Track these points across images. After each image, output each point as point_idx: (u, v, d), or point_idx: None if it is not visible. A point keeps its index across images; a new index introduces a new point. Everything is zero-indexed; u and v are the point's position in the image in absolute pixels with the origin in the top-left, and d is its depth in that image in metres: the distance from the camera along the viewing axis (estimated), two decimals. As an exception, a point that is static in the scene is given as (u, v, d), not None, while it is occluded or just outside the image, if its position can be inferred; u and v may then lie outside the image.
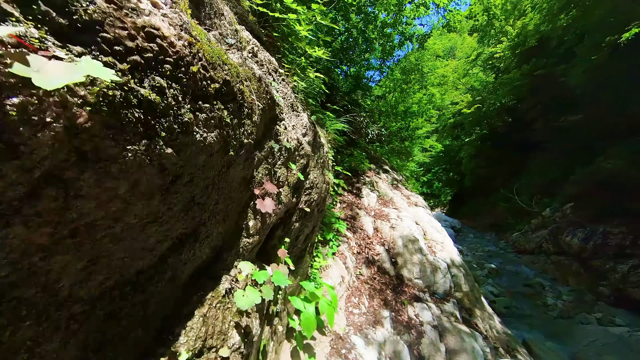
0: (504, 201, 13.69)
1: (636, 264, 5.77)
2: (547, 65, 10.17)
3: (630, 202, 6.65)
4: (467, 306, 3.37)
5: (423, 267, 3.37)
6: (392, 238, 3.79)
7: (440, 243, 4.32)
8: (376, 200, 5.00)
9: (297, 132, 2.03)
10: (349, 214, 4.15)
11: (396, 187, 6.53)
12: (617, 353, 4.02)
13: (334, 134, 4.56)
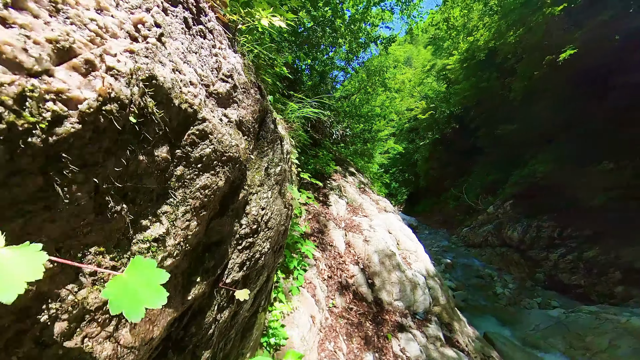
0: (454, 200, 14.94)
1: (563, 252, 6.62)
2: (491, 78, 11.35)
3: (556, 200, 7.65)
4: (447, 321, 3.18)
5: (402, 286, 3.05)
6: (366, 254, 3.36)
7: (414, 252, 4.04)
8: (345, 208, 4.53)
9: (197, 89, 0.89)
10: (316, 227, 3.54)
11: (364, 191, 6.22)
12: (558, 334, 4.46)
13: (300, 131, 4.09)
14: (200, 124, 0.82)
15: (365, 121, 13.99)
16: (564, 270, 6.28)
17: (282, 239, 1.88)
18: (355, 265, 3.17)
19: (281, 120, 2.75)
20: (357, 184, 6.27)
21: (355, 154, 12.05)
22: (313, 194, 4.39)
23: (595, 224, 6.25)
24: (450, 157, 16.78)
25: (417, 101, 20.04)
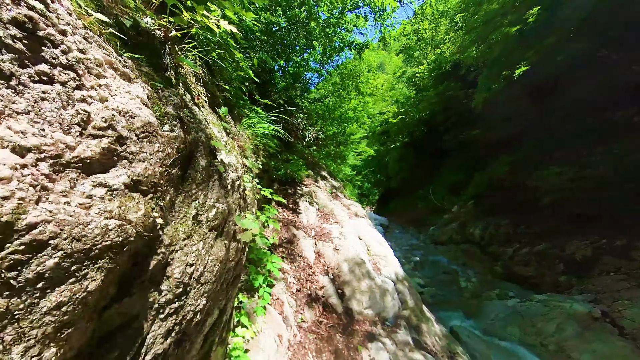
0: (422, 200, 15.76)
1: (518, 247, 7.30)
2: (455, 88, 12.20)
3: (512, 200, 8.41)
4: (415, 323, 3.21)
5: (372, 294, 2.99)
6: (336, 263, 3.25)
7: (384, 257, 3.99)
8: (316, 215, 4.34)
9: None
10: (284, 237, 3.35)
11: (335, 196, 6.06)
12: (515, 322, 4.89)
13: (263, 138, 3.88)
14: (25, 235, 0.54)
15: (338, 124, 14.18)
16: (518, 263, 6.92)
17: (232, 274, 1.63)
18: (325, 276, 3.06)
19: (243, 136, 2.48)
20: (329, 189, 6.15)
21: (328, 156, 12.09)
22: (283, 201, 4.18)
23: (544, 221, 6.98)
24: (419, 160, 17.68)
25: (389, 105, 20.83)
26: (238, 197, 1.76)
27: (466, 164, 12.56)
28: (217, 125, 1.83)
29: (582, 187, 5.92)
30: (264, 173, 3.95)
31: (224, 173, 1.54)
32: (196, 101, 1.70)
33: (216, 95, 2.52)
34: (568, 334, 4.10)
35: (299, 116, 8.93)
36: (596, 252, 5.46)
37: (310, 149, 9.52)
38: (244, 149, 2.48)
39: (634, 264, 4.75)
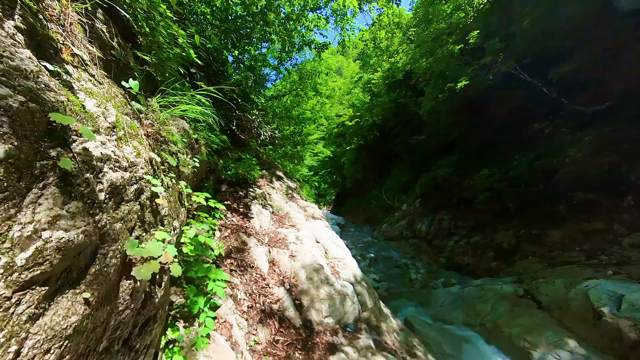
0: (375, 199, 16.65)
1: (457, 239, 8.19)
2: (406, 96, 13.23)
3: (452, 198, 9.41)
4: (375, 324, 3.15)
5: (332, 301, 2.82)
6: (293, 271, 2.98)
7: (342, 259, 3.85)
8: (270, 219, 3.99)
9: None
10: (233, 246, 2.93)
11: (292, 197, 5.74)
12: (458, 307, 5.41)
13: (204, 132, 3.30)
14: None
15: (295, 124, 13.98)
16: (458, 254, 7.75)
17: (130, 325, 1.20)
18: (280, 287, 2.76)
19: (132, 129, 1.48)
20: (285, 190, 5.76)
21: (284, 156, 11.74)
22: (232, 204, 3.71)
23: (478, 216, 7.97)
24: (373, 161, 18.67)
25: (345, 108, 21.53)
26: (137, 209, 1.24)
27: (414, 166, 13.69)
28: (106, 100, 1.35)
29: (507, 186, 6.93)
30: (210, 173, 3.51)
31: (89, 174, 1.02)
32: (63, 56, 1.22)
33: (130, 67, 1.97)
34: (500, 312, 4.69)
35: (254, 113, 8.42)
36: (518, 240, 6.43)
37: (265, 148, 9.02)
38: (166, 141, 1.96)
39: (545, 249, 5.73)
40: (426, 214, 10.51)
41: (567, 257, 5.20)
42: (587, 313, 3.72)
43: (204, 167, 3.14)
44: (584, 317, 3.74)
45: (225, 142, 4.51)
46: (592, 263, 4.70)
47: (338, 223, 16.32)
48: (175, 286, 2.03)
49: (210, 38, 5.94)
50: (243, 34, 7.85)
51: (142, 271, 1.17)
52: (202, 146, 2.95)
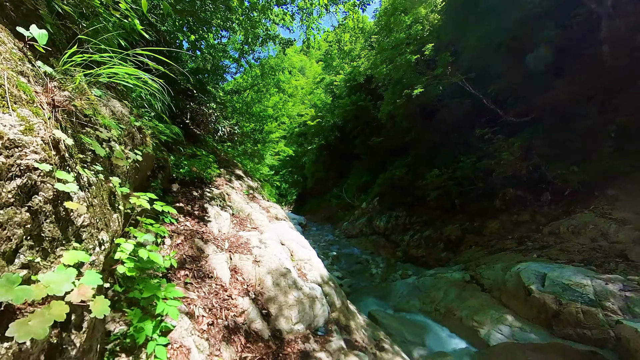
0: (336, 198, 17.00)
1: (412, 234, 8.82)
2: (366, 99, 13.82)
3: (407, 196, 10.11)
4: (344, 323, 3.08)
5: (301, 306, 2.68)
6: (258, 278, 2.74)
7: (308, 260, 3.71)
8: (230, 222, 3.67)
9: None
10: (188, 254, 2.57)
11: (253, 197, 5.39)
12: (415, 296, 5.80)
13: (151, 121, 2.90)
14: None
15: (256, 121, 13.42)
16: (413, 247, 8.33)
17: None
18: (244, 297, 2.50)
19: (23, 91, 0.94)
20: (246, 190, 5.36)
21: (244, 154, 11.10)
22: (186, 206, 3.28)
23: (429, 212, 8.70)
24: (334, 161, 19.05)
25: (307, 108, 21.56)
26: (24, 220, 0.84)
27: (373, 166, 14.37)
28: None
29: (454, 185, 7.71)
30: (159, 170, 3.04)
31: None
32: None
33: (40, 16, 1.48)
34: (451, 297, 5.15)
35: (211, 106, 7.76)
36: (463, 232, 7.20)
37: (224, 144, 8.36)
38: (93, 122, 1.49)
39: (485, 238, 6.52)
40: (384, 211, 11.10)
41: (502, 244, 5.99)
42: (519, 291, 4.32)
43: (151, 162, 2.69)
44: (518, 295, 4.33)
45: (178, 135, 3.99)
46: (522, 248, 5.50)
47: (300, 223, 16.20)
48: (113, 310, 1.61)
49: (163, 19, 5.28)
50: (202, 18, 7.20)
51: (31, 327, 0.70)
52: (148, 137, 2.49)
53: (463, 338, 4.17)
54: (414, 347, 3.77)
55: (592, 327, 3.38)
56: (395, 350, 2.96)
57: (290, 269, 3.02)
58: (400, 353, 2.94)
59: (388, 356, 2.79)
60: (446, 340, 4.21)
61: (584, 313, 3.47)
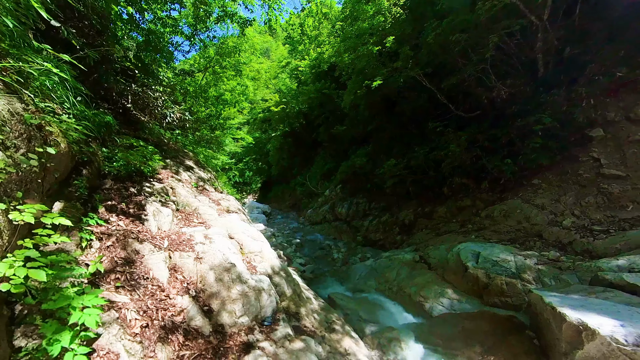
0: (300, 186, 16.95)
1: (371, 219, 9.26)
2: (330, 87, 13.71)
3: (366, 183, 10.49)
4: (294, 311, 3.14)
5: (246, 299, 2.65)
6: (200, 275, 2.63)
7: (259, 253, 3.62)
8: (172, 219, 3.40)
9: None
10: (120, 257, 2.33)
11: (203, 189, 5.01)
12: (372, 277, 6.15)
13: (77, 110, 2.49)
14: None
15: (213, 106, 12.38)
16: (372, 231, 8.77)
17: None
18: (184, 296, 2.40)
19: None
20: (195, 182, 4.97)
21: (198, 142, 10.15)
22: (119, 204, 2.90)
23: (387, 198, 9.18)
24: (298, 149, 18.84)
25: (272, 93, 20.68)
26: None
27: (336, 154, 14.54)
28: None
29: (409, 173, 8.20)
30: (83, 166, 2.63)
31: None
32: None
33: None
34: (403, 276, 5.57)
35: (157, 89, 6.81)
36: (416, 216, 7.77)
37: (173, 132, 7.45)
38: None
39: (434, 222, 7.13)
40: (346, 198, 11.42)
41: (448, 227, 6.62)
42: (459, 268, 4.84)
43: (67, 161, 2.28)
44: (457, 271, 4.85)
45: (109, 125, 3.42)
46: (463, 230, 6.14)
47: (264, 211, 15.88)
48: (24, 325, 1.44)
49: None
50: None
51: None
52: (58, 134, 2.07)
53: (411, 312, 4.56)
54: (367, 324, 4.00)
55: (512, 296, 3.95)
56: (346, 330, 3.10)
57: (236, 263, 2.90)
58: (350, 332, 3.09)
59: (337, 336, 2.92)
60: (397, 316, 4.57)
61: (507, 284, 4.03)
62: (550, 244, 4.80)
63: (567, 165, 5.70)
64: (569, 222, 4.95)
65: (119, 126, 3.91)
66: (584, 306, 2.73)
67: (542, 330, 2.99)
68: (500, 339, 3.18)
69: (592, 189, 5.20)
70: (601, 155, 5.42)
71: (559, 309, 2.69)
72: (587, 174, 5.40)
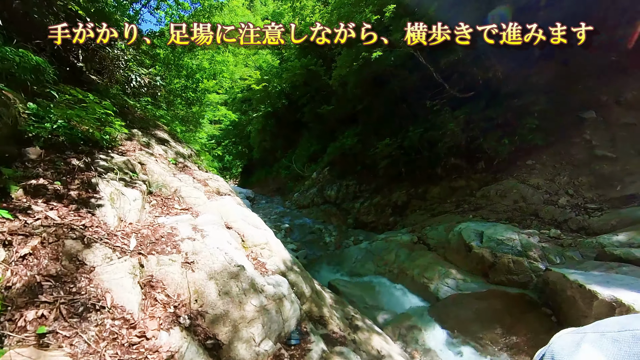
0: (285, 169, 16.23)
1: (362, 201, 9.01)
2: (317, 64, 12.80)
3: (357, 165, 10.15)
4: (317, 314, 2.47)
5: (266, 315, 1.88)
6: (194, 290, 1.76)
7: (266, 244, 2.77)
8: (142, 205, 2.38)
9: None
10: (48, 273, 1.38)
11: (184, 167, 3.91)
12: (369, 260, 5.92)
13: None
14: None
15: (187, 76, 10.86)
16: (363, 214, 8.53)
17: None
18: (172, 329, 1.51)
19: None
20: (172, 157, 3.88)
21: (175, 118, 8.75)
22: (51, 184, 1.87)
23: (378, 180, 8.92)
24: (281, 130, 17.87)
25: (252, 70, 19.11)
26: None
27: (322, 136, 13.94)
28: None
29: (402, 153, 7.94)
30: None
31: None
32: None
33: None
34: (402, 258, 5.38)
35: (119, 45, 5.45)
36: (409, 197, 7.61)
37: (140, 99, 6.00)
38: None
39: (428, 203, 7.01)
40: (334, 180, 11.03)
41: (442, 207, 6.51)
42: (461, 248, 4.71)
43: None
44: (460, 251, 4.72)
45: (40, 71, 2.34)
46: (459, 210, 6.05)
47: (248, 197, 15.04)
48: None
49: None
50: None
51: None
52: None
53: (415, 294, 4.39)
54: (377, 312, 3.75)
55: (519, 273, 3.88)
56: (368, 325, 2.74)
57: (244, 264, 2.07)
58: (373, 328, 2.73)
59: (364, 336, 2.48)
60: (402, 299, 4.37)
61: (514, 262, 3.95)
62: (546, 222, 4.81)
63: (560, 146, 5.71)
64: (564, 201, 4.98)
65: (63, 82, 2.90)
66: (609, 282, 2.63)
67: (561, 308, 2.89)
68: (517, 318, 3.06)
69: (584, 169, 5.26)
70: (593, 137, 5.47)
71: (588, 286, 2.55)
72: (579, 155, 5.44)
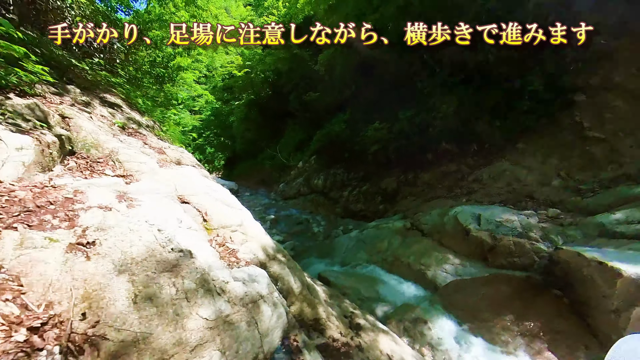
0: (269, 159, 15.53)
1: (351, 189, 8.64)
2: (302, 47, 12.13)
3: (344, 152, 9.71)
4: (310, 317, 1.89)
5: (229, 332, 1.16)
6: (86, 291, 0.97)
7: (239, 226, 2.09)
8: (34, 158, 1.66)
9: None
10: None
11: (134, 133, 3.28)
12: (361, 249, 5.56)
13: None
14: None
15: (156, 47, 9.28)
16: (352, 202, 8.17)
17: None
18: None
19: None
20: (121, 121, 3.22)
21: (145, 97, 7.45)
22: None
23: (367, 167, 8.57)
24: (265, 119, 17.04)
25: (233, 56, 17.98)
26: None
27: (308, 124, 13.35)
28: None
29: (392, 139, 7.60)
30: None
31: None
32: None
33: None
34: (396, 246, 5.07)
35: None
36: (399, 184, 7.32)
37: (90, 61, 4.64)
38: None
39: (419, 189, 6.75)
40: (321, 169, 10.56)
41: (434, 193, 6.27)
42: (458, 232, 4.45)
43: None
44: (456, 235, 4.46)
45: None
46: (452, 195, 5.82)
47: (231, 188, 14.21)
48: None
49: None
50: None
51: None
52: None
53: (413, 282, 4.08)
54: (375, 304, 3.38)
55: (520, 255, 3.65)
56: (370, 321, 2.32)
57: (193, 250, 1.37)
58: (377, 325, 2.32)
59: (369, 337, 2.02)
60: (398, 287, 4.04)
61: (515, 244, 3.72)
62: (541, 203, 4.65)
63: (552, 128, 5.59)
64: (557, 182, 4.85)
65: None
66: (629, 259, 2.39)
67: (575, 288, 2.66)
68: (527, 303, 2.80)
69: (576, 151, 5.16)
70: (584, 118, 5.37)
71: (610, 264, 2.30)
72: (571, 137, 5.34)
